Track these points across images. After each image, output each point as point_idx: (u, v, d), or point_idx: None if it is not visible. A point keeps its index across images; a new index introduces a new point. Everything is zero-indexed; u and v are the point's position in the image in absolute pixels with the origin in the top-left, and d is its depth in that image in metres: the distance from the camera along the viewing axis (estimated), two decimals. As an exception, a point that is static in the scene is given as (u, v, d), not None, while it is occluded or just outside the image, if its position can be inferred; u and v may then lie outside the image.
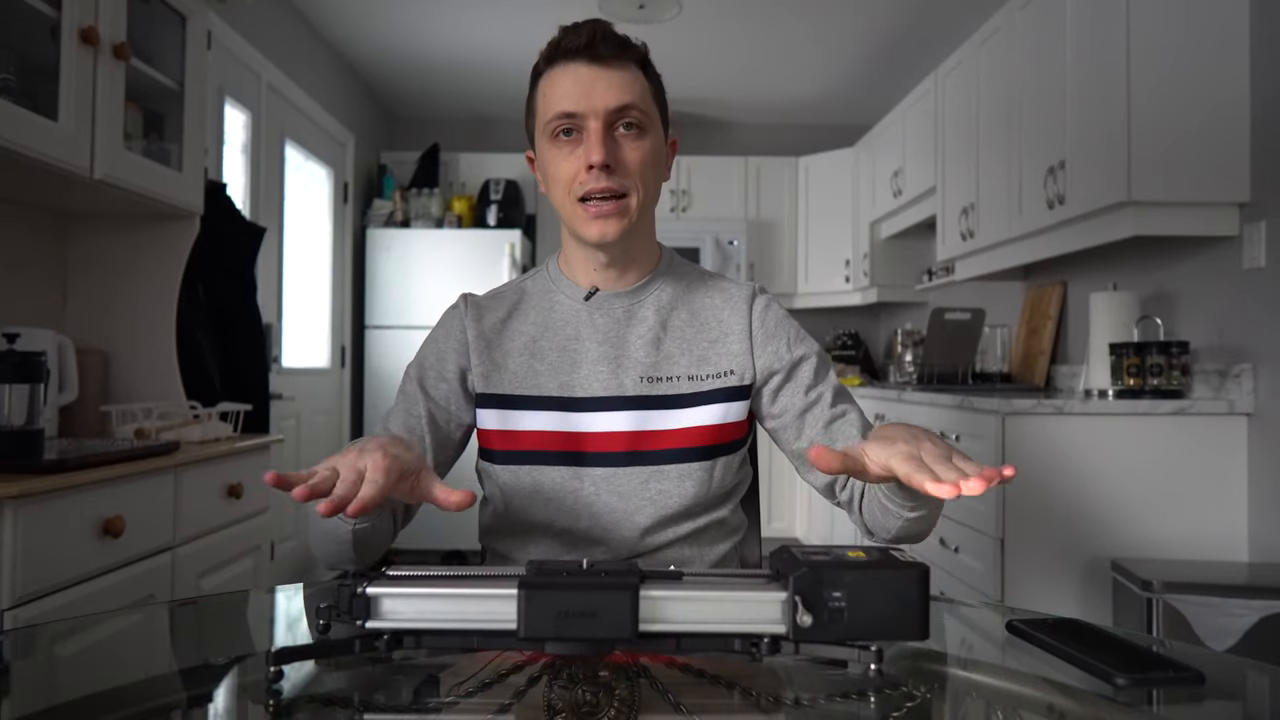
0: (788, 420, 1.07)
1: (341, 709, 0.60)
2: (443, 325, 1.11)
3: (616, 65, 0.98)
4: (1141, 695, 0.62)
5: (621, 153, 0.99)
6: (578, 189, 0.99)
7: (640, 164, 1.00)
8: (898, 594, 0.62)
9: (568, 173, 0.99)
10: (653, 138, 1.01)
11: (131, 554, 1.53)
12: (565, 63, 0.99)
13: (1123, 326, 2.50)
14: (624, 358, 1.05)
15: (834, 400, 1.06)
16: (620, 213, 0.99)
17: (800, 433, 1.07)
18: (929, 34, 3.82)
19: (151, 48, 1.99)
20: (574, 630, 0.61)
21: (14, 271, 1.95)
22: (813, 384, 1.07)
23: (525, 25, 3.76)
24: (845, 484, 1.04)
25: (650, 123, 1.01)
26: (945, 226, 3.45)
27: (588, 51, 0.97)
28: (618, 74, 0.98)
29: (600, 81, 0.97)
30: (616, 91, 0.97)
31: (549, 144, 1.01)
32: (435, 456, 1.06)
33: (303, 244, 3.86)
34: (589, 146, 0.97)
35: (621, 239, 1.01)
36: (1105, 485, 2.18)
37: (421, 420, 1.06)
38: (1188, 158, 2.18)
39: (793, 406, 1.07)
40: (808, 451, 0.79)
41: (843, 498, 1.05)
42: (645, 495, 1.03)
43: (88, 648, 0.80)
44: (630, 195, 1.00)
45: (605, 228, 0.99)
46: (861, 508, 1.02)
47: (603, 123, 0.97)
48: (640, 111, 0.99)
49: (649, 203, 1.03)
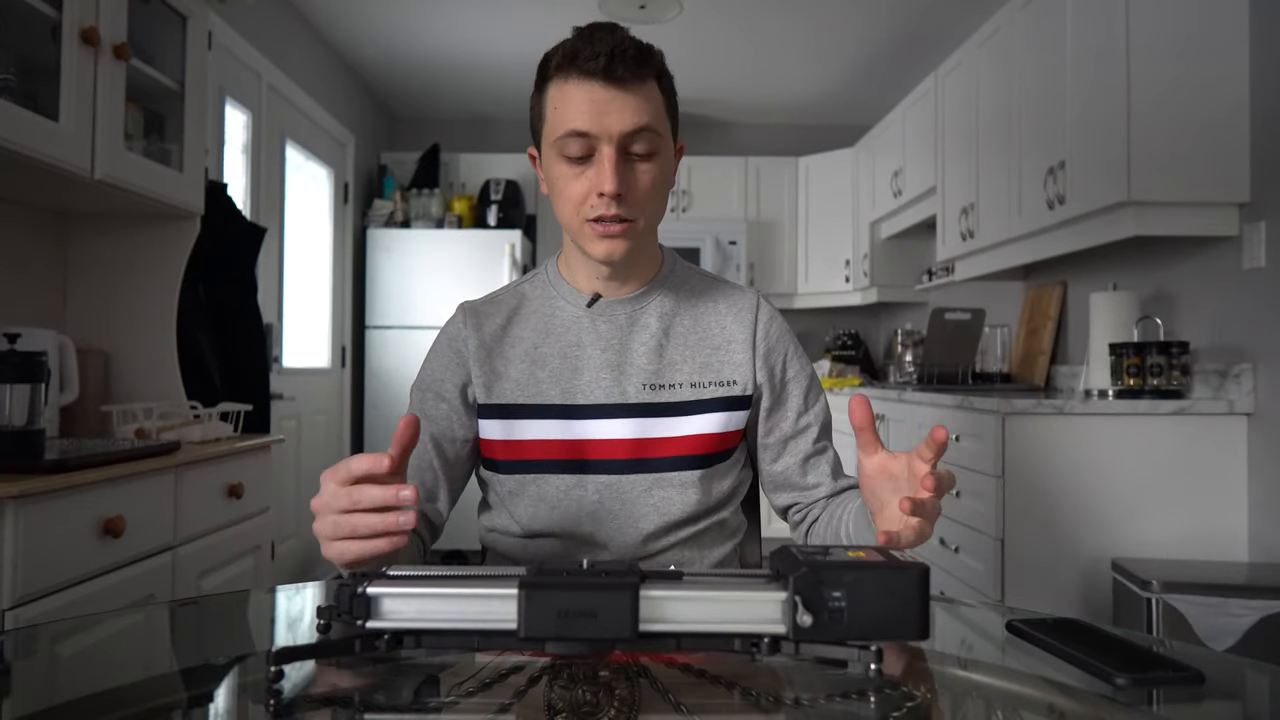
0: (771, 442, 1.10)
1: (341, 709, 0.60)
2: (439, 342, 1.10)
3: (633, 85, 0.95)
4: (1141, 695, 0.62)
5: (633, 177, 0.97)
6: (588, 211, 0.97)
7: (651, 188, 0.99)
8: (898, 594, 0.62)
9: (577, 193, 0.97)
10: (664, 157, 1.00)
11: (132, 554, 1.53)
12: (580, 79, 0.94)
13: (1123, 326, 2.50)
14: (626, 365, 1.05)
15: (819, 435, 1.10)
16: (628, 234, 0.99)
17: (778, 457, 1.10)
18: (929, 34, 3.82)
19: (152, 48, 2.00)
20: (574, 630, 0.61)
21: (14, 271, 1.95)
22: (802, 410, 1.10)
23: (525, 25, 3.76)
24: (803, 509, 1.11)
25: (663, 143, 0.99)
26: (945, 226, 3.45)
27: (605, 73, 0.93)
28: (633, 96, 0.95)
29: (615, 104, 0.94)
30: (632, 114, 0.94)
31: (557, 159, 0.98)
32: (448, 482, 1.07)
33: (303, 244, 3.86)
34: (601, 173, 0.95)
35: (627, 256, 1.01)
36: (1105, 485, 2.18)
37: (427, 445, 1.06)
38: (1188, 158, 2.18)
39: (778, 430, 1.09)
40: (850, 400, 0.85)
41: (794, 519, 1.12)
42: (648, 503, 1.03)
43: (88, 648, 0.80)
44: (639, 220, 0.99)
45: (612, 248, 0.99)
46: (807, 533, 1.09)
47: (616, 147, 0.95)
48: (654, 133, 0.97)
49: (655, 220, 1.03)
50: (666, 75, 1.02)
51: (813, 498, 1.09)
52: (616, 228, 0.97)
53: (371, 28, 3.87)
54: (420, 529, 1.01)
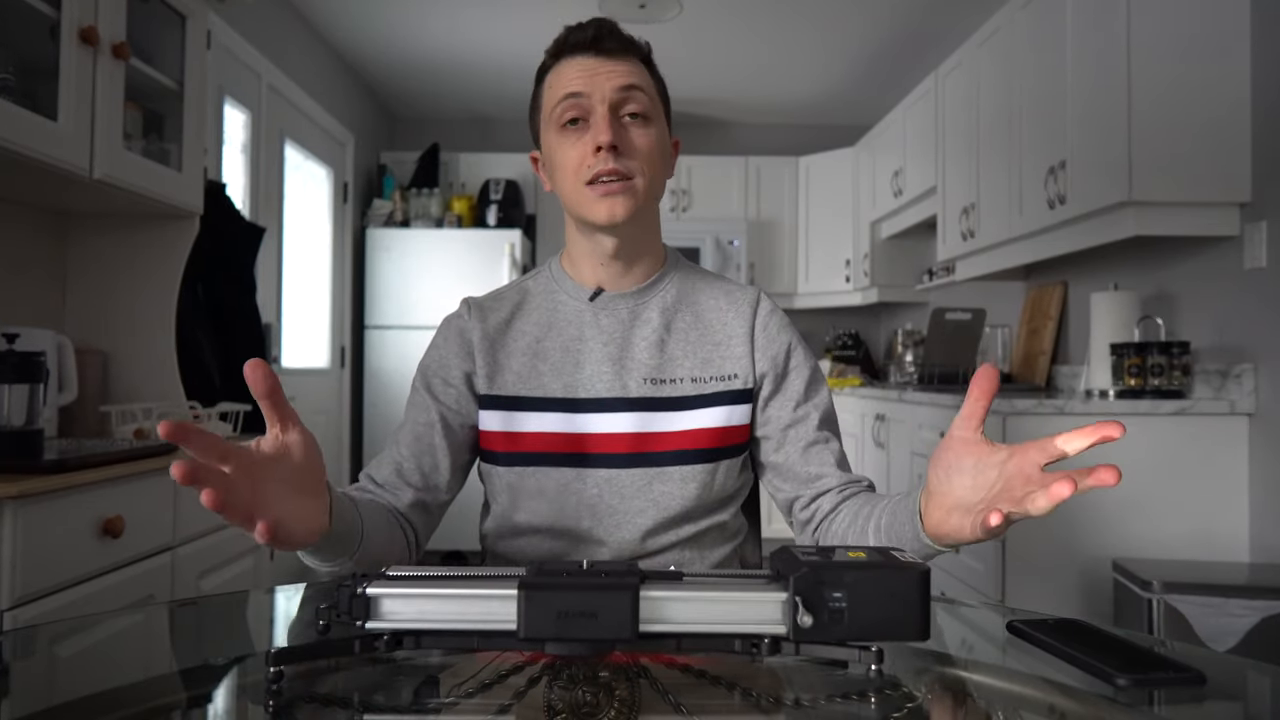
0: (770, 431, 1.07)
1: (341, 709, 0.60)
2: (444, 332, 1.10)
3: (622, 56, 1.00)
4: (1142, 696, 0.62)
5: (628, 136, 0.99)
6: (585, 172, 0.98)
7: (647, 149, 1.00)
8: (898, 594, 0.61)
9: (575, 158, 0.99)
10: (658, 128, 1.02)
11: (131, 554, 1.53)
12: (571, 56, 1.01)
13: (1123, 326, 2.50)
14: (628, 359, 1.05)
15: (820, 424, 1.06)
16: (628, 192, 0.99)
17: (779, 447, 1.07)
18: (929, 34, 3.82)
19: (151, 48, 1.99)
20: (574, 631, 0.60)
21: (14, 271, 1.95)
22: (802, 400, 1.07)
23: (525, 25, 3.76)
24: (808, 504, 1.05)
25: (655, 113, 1.02)
26: (946, 226, 3.45)
27: (593, 45, 0.99)
28: (623, 64, 1.00)
29: (604, 68, 0.99)
30: (622, 76, 0.99)
31: (556, 134, 1.01)
32: (452, 460, 1.05)
33: (302, 244, 3.86)
34: (596, 129, 0.98)
35: (630, 221, 1.00)
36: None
37: (434, 427, 1.05)
38: (1188, 158, 2.18)
39: (778, 419, 1.07)
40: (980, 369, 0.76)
41: (801, 516, 1.06)
42: (648, 497, 1.02)
43: (88, 648, 0.80)
44: (637, 177, 0.99)
45: (614, 207, 0.98)
46: (821, 529, 1.02)
47: (609, 105, 0.98)
48: (645, 96, 1.01)
49: (655, 190, 1.03)
50: (655, 68, 1.06)
51: (817, 490, 1.04)
52: (616, 185, 0.98)
53: (371, 27, 3.86)
54: (412, 518, 1.01)
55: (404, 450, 1.04)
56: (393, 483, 1.02)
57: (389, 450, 1.05)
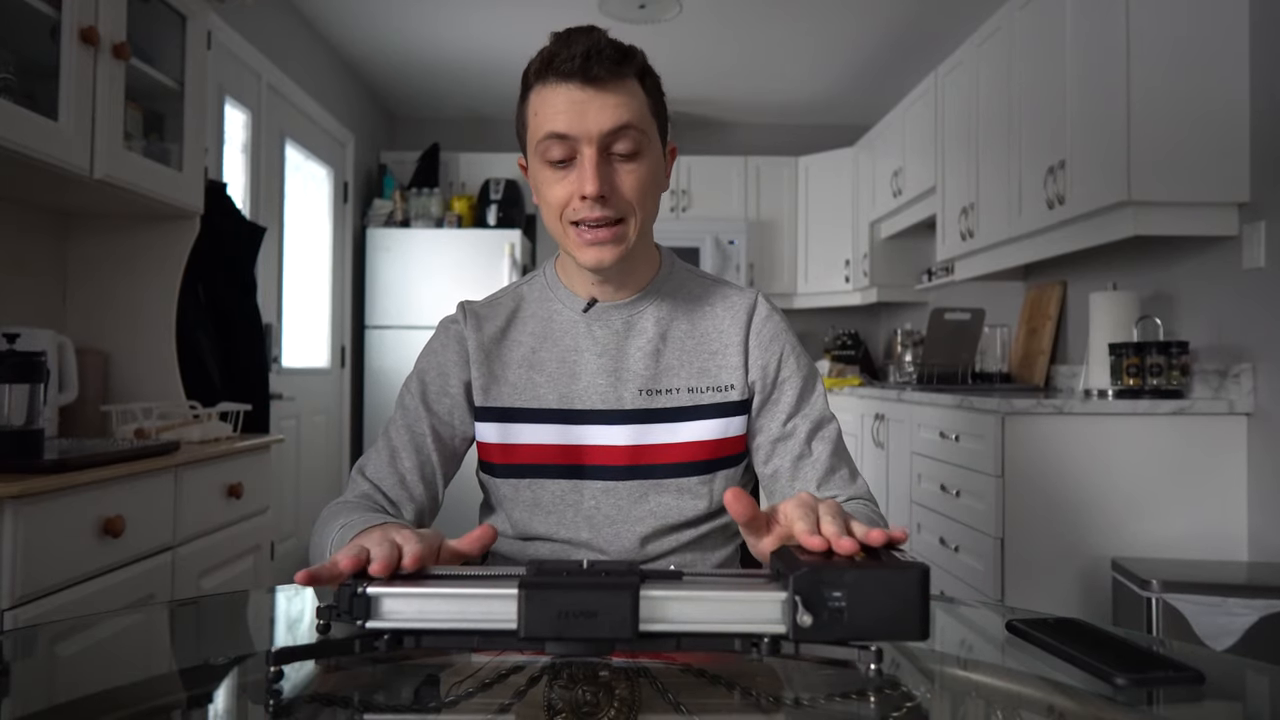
0: (761, 442, 1.06)
1: (341, 709, 0.60)
2: (441, 337, 1.09)
3: (612, 85, 0.93)
4: (1141, 695, 0.62)
5: (617, 179, 0.94)
6: (570, 214, 0.96)
7: (637, 189, 0.95)
8: (898, 594, 0.61)
9: (560, 198, 0.95)
10: (650, 158, 0.97)
11: (131, 554, 1.53)
12: (558, 83, 0.93)
13: (1122, 326, 2.50)
14: (623, 370, 1.03)
15: (808, 437, 1.04)
16: (616, 239, 0.96)
17: (769, 459, 1.05)
18: (929, 34, 3.82)
19: (151, 48, 1.99)
20: (574, 630, 0.61)
21: (14, 271, 1.95)
22: (792, 412, 1.04)
23: (525, 25, 3.76)
24: None
25: (647, 142, 0.96)
26: (945, 226, 3.45)
27: (581, 73, 0.91)
28: (613, 95, 0.93)
29: (594, 104, 0.92)
30: (611, 113, 0.92)
31: (540, 165, 0.97)
32: (442, 470, 1.06)
33: (303, 244, 3.86)
34: (582, 175, 0.93)
35: (617, 264, 0.98)
36: (1105, 485, 2.18)
37: (427, 438, 1.05)
38: (1188, 158, 2.18)
39: (766, 431, 1.05)
40: (725, 493, 0.73)
41: None
42: (645, 508, 1.02)
43: (88, 648, 0.80)
44: (627, 220, 0.96)
45: (601, 254, 0.96)
46: None
47: (596, 148, 0.92)
48: (637, 131, 0.94)
49: (647, 224, 1.00)
50: (651, 75, 0.99)
51: None
52: (604, 233, 0.95)
53: (372, 27, 3.86)
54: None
55: (406, 463, 1.04)
56: (398, 495, 1.03)
57: (388, 458, 1.05)
